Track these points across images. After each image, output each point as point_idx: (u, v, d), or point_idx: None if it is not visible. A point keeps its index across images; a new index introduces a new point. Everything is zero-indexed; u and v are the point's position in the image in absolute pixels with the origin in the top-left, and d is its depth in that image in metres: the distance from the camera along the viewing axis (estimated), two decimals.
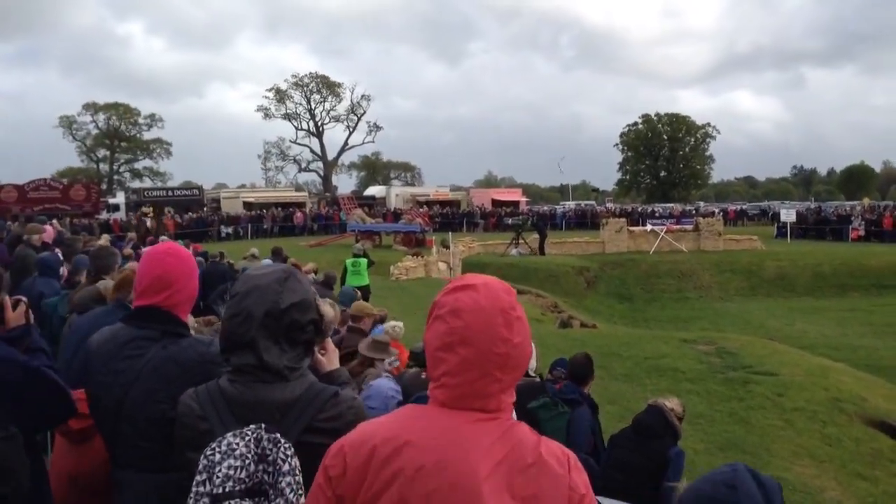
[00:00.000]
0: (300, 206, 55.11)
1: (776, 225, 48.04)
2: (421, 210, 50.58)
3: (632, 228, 38.27)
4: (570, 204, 70.55)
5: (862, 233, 42.93)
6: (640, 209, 62.83)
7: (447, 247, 29.01)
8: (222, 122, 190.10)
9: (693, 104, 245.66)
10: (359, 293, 11.13)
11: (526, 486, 1.50)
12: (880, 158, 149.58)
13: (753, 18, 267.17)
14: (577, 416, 5.56)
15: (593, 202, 74.67)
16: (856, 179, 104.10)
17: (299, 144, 79.56)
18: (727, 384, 10.98)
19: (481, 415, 1.57)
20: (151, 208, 45.77)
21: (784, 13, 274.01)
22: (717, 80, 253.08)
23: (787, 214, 45.74)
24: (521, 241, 34.04)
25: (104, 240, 12.99)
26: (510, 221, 38.66)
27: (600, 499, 4.69)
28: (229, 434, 1.81)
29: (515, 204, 64.73)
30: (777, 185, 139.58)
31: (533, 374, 5.90)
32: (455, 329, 1.58)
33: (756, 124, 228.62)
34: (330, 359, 2.59)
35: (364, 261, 15.75)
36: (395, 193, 64.17)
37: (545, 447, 1.58)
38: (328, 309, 2.75)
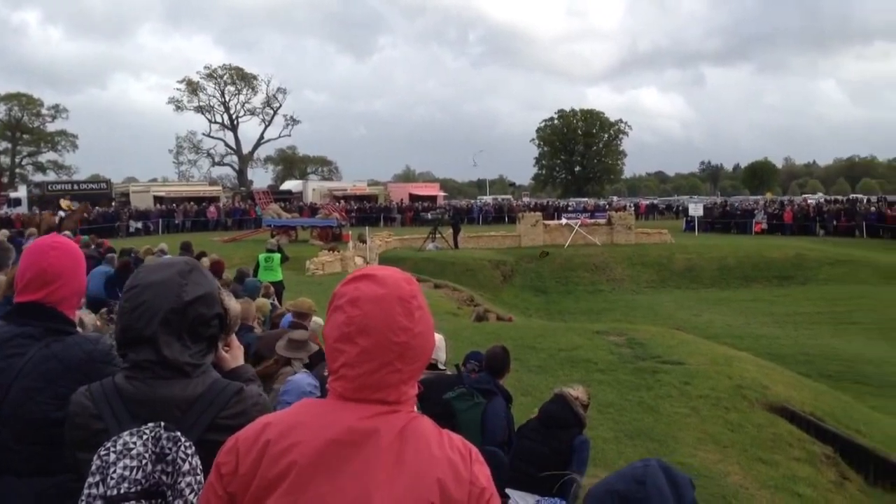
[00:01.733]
0: (214, 200, 53.92)
1: (685, 219, 49.60)
2: (338, 205, 50.24)
3: (547, 222, 38.79)
4: (487, 198, 71.19)
5: (765, 226, 44.84)
6: (555, 203, 63.85)
7: (364, 241, 28.87)
8: (130, 114, 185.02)
9: (601, 101, 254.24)
10: (271, 287, 10.97)
11: (426, 480, 1.48)
12: (782, 155, 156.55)
13: (652, 19, 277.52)
14: (493, 408, 5.57)
15: (510, 197, 75.50)
16: (759, 175, 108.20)
17: (213, 138, 77.77)
18: (637, 374, 11.22)
19: (381, 407, 1.54)
20: (67, 200, 43.51)
21: (680, 14, 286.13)
22: (622, 78, 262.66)
23: (695, 209, 47.29)
24: (438, 235, 34.17)
25: (2, 235, 12.42)
26: (429, 216, 38.74)
27: (509, 491, 4.73)
28: (125, 433, 1.73)
29: (433, 198, 64.93)
30: (686, 181, 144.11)
31: (443, 368, 5.89)
32: (353, 319, 1.55)
33: (663, 121, 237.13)
34: (234, 355, 2.53)
35: (277, 256, 15.47)
36: (312, 188, 63.65)
37: (447, 440, 1.57)
38: (233, 303, 2.67)
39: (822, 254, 32.79)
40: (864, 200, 57.48)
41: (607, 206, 55.20)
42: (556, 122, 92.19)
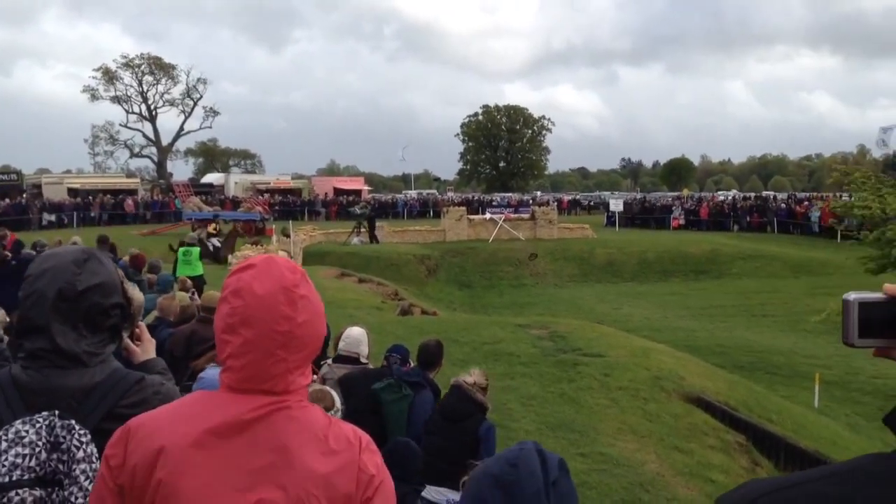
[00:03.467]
0: (131, 192, 52.31)
1: (606, 214, 50.60)
2: (261, 198, 49.49)
3: (472, 217, 39.03)
4: (413, 193, 71.23)
5: (682, 222, 46.06)
6: (480, 198, 64.30)
7: (287, 235, 28.46)
8: (39, 104, 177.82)
9: (518, 98, 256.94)
10: (188, 281, 10.71)
11: (307, 468, 1.51)
12: (699, 152, 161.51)
13: (564, 18, 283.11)
14: (420, 401, 5.55)
15: (435, 191, 75.68)
16: (677, 172, 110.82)
17: (130, 128, 75.12)
18: (558, 366, 11.38)
19: (268, 397, 1.55)
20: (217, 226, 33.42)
21: (591, 14, 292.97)
22: (537, 75, 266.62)
23: (616, 204, 48.30)
24: (362, 229, 34.04)
25: None
26: (357, 210, 38.46)
27: (429, 487, 4.72)
28: (18, 421, 1.71)
29: (358, 192, 64.59)
30: (607, 177, 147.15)
31: (365, 362, 5.85)
32: (236, 309, 1.55)
33: (582, 118, 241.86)
34: (145, 348, 2.52)
35: (197, 250, 15.10)
36: (235, 181, 62.54)
37: (335, 429, 1.59)
38: (137, 294, 2.62)
39: (735, 249, 33.95)
40: (774, 197, 59.68)
41: (531, 202, 55.86)
42: (480, 117, 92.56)
